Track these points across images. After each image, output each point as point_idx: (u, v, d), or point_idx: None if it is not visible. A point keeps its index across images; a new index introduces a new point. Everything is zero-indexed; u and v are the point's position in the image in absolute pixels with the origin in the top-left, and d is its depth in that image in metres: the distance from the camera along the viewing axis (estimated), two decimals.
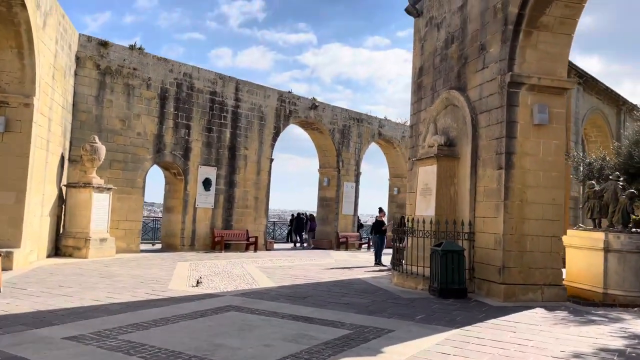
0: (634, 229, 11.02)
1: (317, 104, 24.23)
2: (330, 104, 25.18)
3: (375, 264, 17.19)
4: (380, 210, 18.69)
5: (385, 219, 18.25)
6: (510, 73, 10.28)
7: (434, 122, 12.78)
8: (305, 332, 7.05)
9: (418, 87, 14.33)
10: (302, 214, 28.07)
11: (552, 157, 10.46)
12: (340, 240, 24.76)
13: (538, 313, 8.99)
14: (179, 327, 7.10)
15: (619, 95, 23.10)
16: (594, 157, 17.78)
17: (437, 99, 13.02)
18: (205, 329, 7.08)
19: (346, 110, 25.83)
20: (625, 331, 7.69)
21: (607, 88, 22.05)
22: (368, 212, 48.10)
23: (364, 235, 27.76)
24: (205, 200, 20.62)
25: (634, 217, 11.36)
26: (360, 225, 27.96)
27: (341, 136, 25.48)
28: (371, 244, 25.89)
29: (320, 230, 25.80)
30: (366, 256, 21.17)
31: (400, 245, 13.10)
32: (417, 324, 7.78)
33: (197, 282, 11.12)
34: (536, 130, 10.40)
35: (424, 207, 12.20)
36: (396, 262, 12.88)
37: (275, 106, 22.83)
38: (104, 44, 17.72)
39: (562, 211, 10.54)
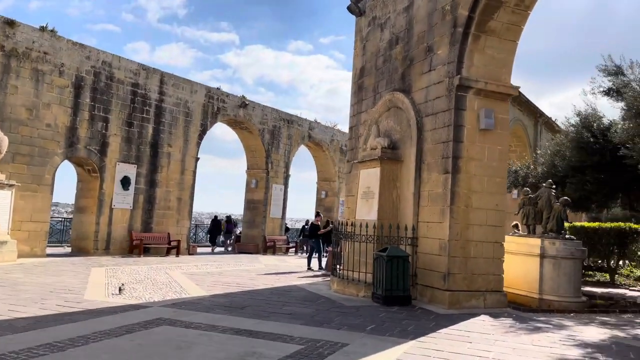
0: (567, 236, 11.29)
1: (247, 103, 23.30)
2: (261, 104, 24.34)
3: (307, 269, 16.68)
4: (317, 214, 18.17)
5: (320, 223, 17.74)
6: (459, 76, 10.12)
7: (377, 124, 12.44)
8: (253, 348, 6.27)
9: (359, 88, 13.96)
10: (229, 216, 27.07)
11: (497, 162, 10.44)
12: (268, 244, 23.94)
13: (485, 321, 8.81)
14: (102, 347, 6.04)
15: (537, 108, 24.35)
16: (519, 165, 18.46)
17: (379, 100, 12.70)
18: (135, 348, 6.08)
19: (277, 110, 25.10)
20: (574, 339, 7.64)
21: (527, 100, 23.12)
22: (295, 215, 47.52)
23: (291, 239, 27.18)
24: (123, 200, 18.99)
25: (567, 223, 11.65)
26: (286, 229, 27.30)
27: (271, 137, 24.69)
28: (299, 248, 25.46)
29: (246, 233, 24.82)
30: (296, 261, 20.57)
31: (337, 249, 12.65)
32: (370, 336, 7.25)
33: (120, 290, 9.92)
34: (482, 135, 10.33)
35: (365, 211, 11.78)
36: (334, 268, 12.38)
37: (202, 102, 21.62)
38: (10, 23, 15.73)
39: (504, 217, 10.54)
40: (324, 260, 17.32)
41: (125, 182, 19.01)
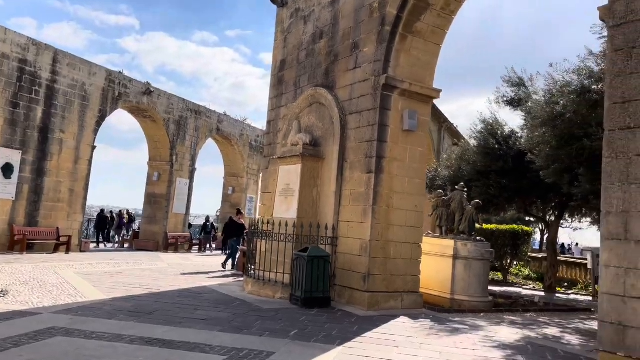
0: (478, 238, 11.68)
1: (152, 90, 21.77)
2: (167, 92, 22.90)
3: (223, 267, 15.95)
4: (239, 211, 17.24)
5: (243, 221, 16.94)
6: (385, 75, 10.00)
7: (298, 119, 12.02)
8: None
9: (279, 82, 13.45)
10: (121, 210, 25.28)
11: (417, 164, 10.49)
12: (170, 241, 22.59)
13: (406, 323, 8.75)
14: None
15: (442, 114, 25.38)
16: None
17: (301, 95, 12.29)
18: None
19: (184, 100, 23.78)
20: (492, 340, 7.78)
21: (433, 105, 23.95)
22: (199, 211, 45.84)
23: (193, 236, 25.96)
24: (3, 190, 16.83)
25: (477, 225, 12.06)
26: (189, 226, 26.03)
27: (177, 128, 23.33)
28: (203, 245, 24.39)
29: (146, 229, 23.24)
30: (200, 259, 19.59)
31: (251, 248, 12.09)
32: (294, 343, 6.81)
33: (2, 292, 8.56)
34: (404, 136, 10.31)
35: (284, 209, 11.32)
36: (247, 268, 11.79)
37: (102, 86, 19.82)
38: None
39: (422, 218, 10.62)
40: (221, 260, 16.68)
41: (6, 170, 16.86)
